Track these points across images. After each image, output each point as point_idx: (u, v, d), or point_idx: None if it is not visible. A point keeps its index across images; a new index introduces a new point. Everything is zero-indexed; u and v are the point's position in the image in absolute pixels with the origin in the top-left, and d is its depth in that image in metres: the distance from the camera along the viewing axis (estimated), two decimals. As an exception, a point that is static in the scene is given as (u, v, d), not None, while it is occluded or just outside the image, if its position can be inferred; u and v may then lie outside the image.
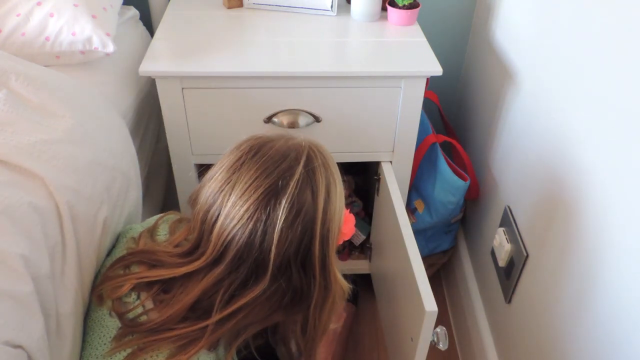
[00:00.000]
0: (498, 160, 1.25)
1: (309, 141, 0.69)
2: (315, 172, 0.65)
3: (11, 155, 0.70)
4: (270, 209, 0.62)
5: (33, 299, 0.61)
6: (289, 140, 0.68)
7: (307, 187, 0.64)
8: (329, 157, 0.69)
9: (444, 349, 0.88)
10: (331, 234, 0.66)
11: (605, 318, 0.79)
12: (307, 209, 0.64)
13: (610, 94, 0.78)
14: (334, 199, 0.66)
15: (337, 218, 0.67)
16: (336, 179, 0.68)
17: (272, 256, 0.63)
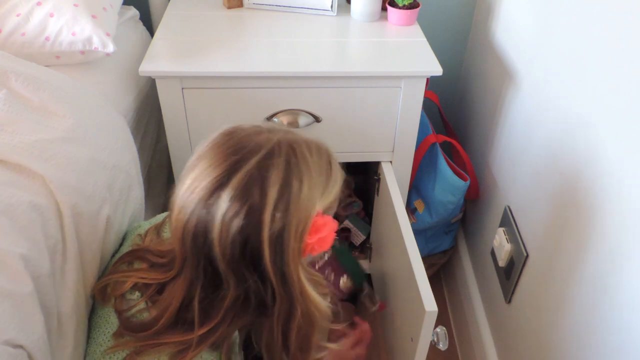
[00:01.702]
0: (498, 160, 1.25)
1: (287, 138, 0.63)
2: (270, 169, 0.59)
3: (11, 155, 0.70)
4: (212, 200, 0.59)
5: (33, 299, 0.61)
6: (261, 134, 0.63)
7: (256, 183, 0.58)
8: (303, 158, 0.62)
9: (444, 349, 0.88)
10: (287, 240, 0.60)
11: (605, 317, 0.79)
12: (253, 207, 0.58)
13: (610, 94, 0.78)
14: (294, 203, 0.59)
15: (297, 224, 0.60)
16: (305, 181, 0.60)
17: (217, 254, 0.60)
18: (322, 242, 0.63)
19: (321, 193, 0.63)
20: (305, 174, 0.61)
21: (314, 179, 0.62)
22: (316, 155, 0.64)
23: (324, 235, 0.62)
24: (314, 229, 0.62)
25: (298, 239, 0.61)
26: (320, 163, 0.64)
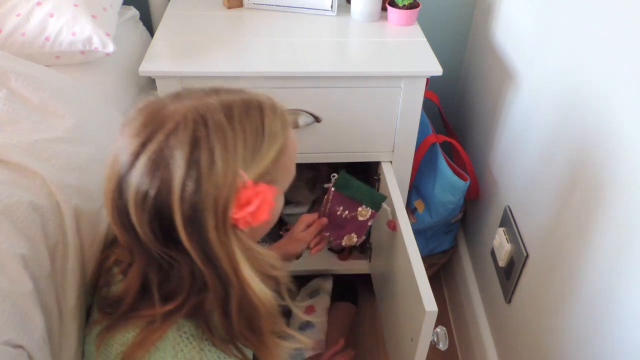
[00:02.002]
0: (498, 160, 1.25)
1: (198, 106, 0.58)
2: (175, 145, 0.55)
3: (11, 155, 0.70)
4: (126, 177, 0.56)
5: (33, 299, 0.61)
6: (171, 105, 0.59)
7: (162, 161, 0.55)
8: (216, 127, 0.57)
9: (444, 349, 0.88)
10: (204, 219, 0.55)
11: (605, 317, 0.79)
12: (161, 186, 0.55)
13: (610, 94, 0.78)
14: (206, 179, 0.55)
15: (215, 201, 0.55)
16: (217, 153, 0.55)
17: (139, 234, 0.58)
18: (256, 214, 0.57)
19: (247, 161, 0.58)
20: (218, 145, 0.56)
21: (233, 148, 0.57)
22: (239, 120, 0.59)
23: (254, 208, 0.57)
24: (240, 203, 0.57)
25: (220, 215, 0.56)
26: (246, 127, 0.59)
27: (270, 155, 0.60)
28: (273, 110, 0.63)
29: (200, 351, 0.62)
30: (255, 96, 0.64)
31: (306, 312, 1.38)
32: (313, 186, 1.45)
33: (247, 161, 0.58)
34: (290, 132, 0.65)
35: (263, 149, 0.60)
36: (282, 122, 0.63)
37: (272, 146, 0.61)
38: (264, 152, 0.60)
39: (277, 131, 0.62)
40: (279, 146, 0.62)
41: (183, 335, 0.62)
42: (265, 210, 0.58)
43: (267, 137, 0.60)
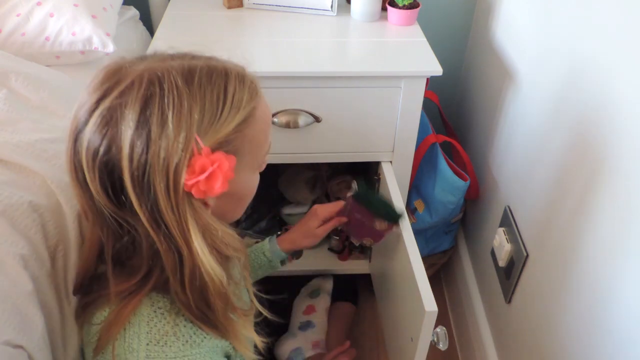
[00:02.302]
0: (498, 160, 1.25)
1: (156, 68, 0.57)
2: (128, 102, 0.54)
3: (12, 155, 0.70)
4: (81, 134, 0.56)
5: (33, 299, 0.61)
6: (134, 65, 0.58)
7: (114, 118, 0.54)
8: (173, 89, 0.55)
9: (444, 349, 0.88)
10: (153, 182, 0.54)
11: (605, 317, 0.79)
12: (111, 143, 0.54)
13: (610, 93, 0.78)
14: (156, 140, 0.53)
15: (165, 164, 0.54)
16: (170, 116, 0.54)
17: (88, 182, 0.56)
18: (209, 182, 0.55)
19: (204, 127, 0.56)
20: (172, 107, 0.54)
21: (188, 111, 0.55)
22: (199, 85, 0.57)
23: (207, 176, 0.55)
24: (193, 169, 0.55)
25: (171, 180, 0.54)
26: (206, 93, 0.57)
27: (231, 125, 0.58)
28: (240, 79, 0.61)
29: (174, 326, 0.62)
30: (223, 63, 0.62)
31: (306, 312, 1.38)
32: (313, 186, 1.45)
33: (204, 127, 0.56)
34: (261, 104, 0.63)
35: (223, 116, 0.58)
36: (250, 92, 0.61)
37: (234, 115, 0.59)
38: (224, 120, 0.58)
39: (243, 100, 0.60)
40: (244, 116, 0.60)
41: (157, 311, 0.62)
42: (220, 179, 0.55)
43: (229, 105, 0.58)
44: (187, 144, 0.54)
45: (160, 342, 0.60)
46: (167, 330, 0.61)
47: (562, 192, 0.92)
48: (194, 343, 0.63)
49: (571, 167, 0.89)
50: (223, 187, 0.56)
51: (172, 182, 0.54)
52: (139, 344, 0.60)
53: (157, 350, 0.60)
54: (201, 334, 0.64)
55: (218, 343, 0.66)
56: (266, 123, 0.65)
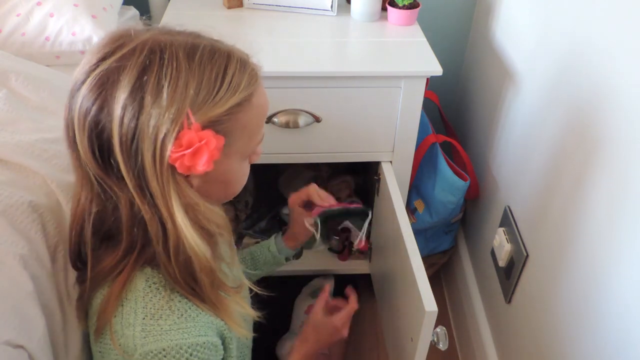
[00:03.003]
0: (498, 160, 1.25)
1: (160, 39, 0.57)
2: (127, 66, 0.55)
3: (12, 155, 0.70)
4: (77, 92, 0.57)
5: (33, 299, 0.61)
6: (140, 34, 0.59)
7: (111, 79, 0.55)
8: (173, 61, 0.56)
9: (444, 349, 0.88)
10: (142, 148, 0.54)
11: (605, 318, 0.79)
12: (104, 103, 0.55)
13: (610, 93, 0.78)
14: (148, 106, 0.54)
15: (154, 131, 0.54)
16: (166, 85, 0.54)
17: (77, 141, 0.57)
18: (194, 158, 0.55)
19: (198, 103, 0.56)
20: (169, 78, 0.55)
21: (184, 85, 0.55)
22: (200, 62, 0.57)
23: (193, 151, 0.55)
24: (180, 142, 0.55)
25: (158, 149, 0.55)
26: (205, 70, 0.57)
27: (225, 106, 0.58)
28: (242, 63, 0.62)
29: (169, 300, 0.63)
30: (228, 47, 0.63)
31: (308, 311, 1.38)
32: (313, 186, 1.45)
33: (198, 104, 0.56)
34: (259, 93, 0.63)
35: (218, 96, 0.58)
36: (249, 78, 0.62)
37: (230, 97, 0.59)
38: (219, 100, 0.58)
39: (241, 84, 0.60)
40: (239, 100, 0.60)
41: (152, 286, 0.63)
42: (205, 157, 0.56)
43: (226, 87, 0.58)
44: (178, 116, 0.55)
45: (156, 316, 0.61)
46: (162, 304, 0.62)
47: (562, 192, 0.92)
48: (189, 317, 0.63)
49: (571, 167, 0.89)
50: (207, 166, 0.56)
51: (159, 151, 0.55)
52: (135, 319, 0.61)
53: (152, 324, 0.61)
54: (196, 309, 0.64)
55: (213, 320, 0.66)
56: (261, 112, 0.65)
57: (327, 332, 0.95)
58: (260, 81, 0.65)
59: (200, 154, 0.56)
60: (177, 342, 0.61)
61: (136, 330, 0.61)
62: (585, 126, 0.85)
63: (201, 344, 0.62)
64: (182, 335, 0.61)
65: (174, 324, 0.62)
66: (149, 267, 0.64)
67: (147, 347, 0.60)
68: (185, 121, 0.55)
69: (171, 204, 0.57)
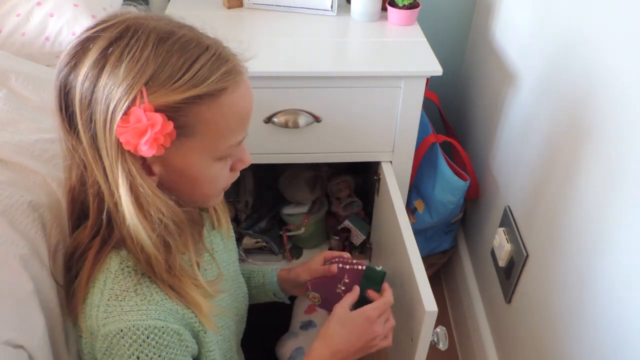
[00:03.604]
0: (498, 160, 1.25)
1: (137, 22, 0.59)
2: (100, 37, 0.57)
3: (12, 155, 0.70)
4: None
5: (34, 299, 0.61)
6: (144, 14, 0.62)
7: (84, 45, 0.58)
8: (140, 41, 0.57)
9: (444, 349, 0.88)
10: (95, 111, 0.57)
11: (604, 318, 0.79)
12: (75, 64, 0.58)
13: (610, 93, 0.78)
14: (105, 76, 0.56)
15: (107, 100, 0.56)
16: (126, 61, 0.56)
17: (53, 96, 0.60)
18: (135, 136, 0.56)
19: (154, 85, 0.56)
20: (131, 54, 0.56)
21: (144, 64, 0.56)
22: (169, 48, 0.58)
23: (136, 128, 0.56)
24: (128, 117, 0.56)
25: (108, 119, 0.56)
26: (172, 56, 0.58)
27: (183, 95, 0.58)
28: (219, 59, 0.60)
29: (137, 284, 0.63)
30: (212, 42, 0.62)
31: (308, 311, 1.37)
32: (313, 186, 1.45)
33: (156, 85, 0.57)
34: (236, 95, 0.61)
35: (178, 84, 0.57)
36: (223, 76, 0.60)
37: (190, 88, 0.58)
38: (178, 88, 0.57)
39: (208, 79, 0.59)
40: (201, 93, 0.58)
41: (125, 269, 0.64)
42: (148, 138, 0.56)
43: (190, 76, 0.58)
44: (130, 90, 0.56)
45: (119, 298, 0.62)
46: (128, 286, 0.63)
47: (562, 192, 0.92)
48: (153, 300, 0.63)
49: (572, 167, 0.89)
50: (152, 149, 0.57)
51: (109, 122, 0.57)
52: (101, 300, 0.62)
53: (115, 304, 0.61)
54: (164, 295, 0.64)
55: (180, 310, 0.66)
56: (234, 114, 0.63)
57: (358, 327, 0.78)
58: (241, 83, 0.63)
59: (143, 134, 0.56)
60: (135, 323, 0.60)
61: (99, 311, 0.61)
62: (585, 126, 0.85)
63: (159, 327, 0.62)
64: (141, 316, 0.61)
65: (135, 305, 0.62)
66: (125, 250, 0.64)
67: (107, 327, 0.60)
68: (138, 98, 0.56)
69: (116, 179, 0.58)
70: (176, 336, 0.64)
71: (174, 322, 0.64)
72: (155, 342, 0.61)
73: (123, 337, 0.60)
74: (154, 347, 0.61)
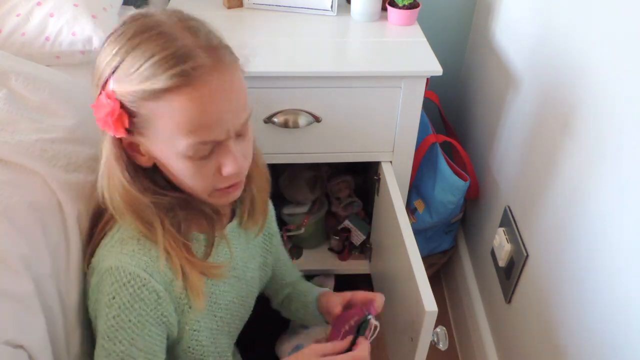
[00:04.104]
0: (498, 160, 1.25)
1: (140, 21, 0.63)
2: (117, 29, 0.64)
3: (12, 155, 0.70)
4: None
5: (34, 299, 0.61)
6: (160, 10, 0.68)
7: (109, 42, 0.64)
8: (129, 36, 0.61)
9: (444, 349, 0.88)
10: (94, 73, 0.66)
11: (604, 318, 0.79)
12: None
13: (610, 93, 0.78)
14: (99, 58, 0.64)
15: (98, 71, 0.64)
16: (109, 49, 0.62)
17: None
18: (97, 111, 0.63)
19: (120, 73, 0.61)
20: (117, 45, 0.62)
21: (117, 53, 0.61)
22: (141, 41, 0.61)
23: (95, 106, 0.63)
24: (99, 97, 0.63)
25: (95, 95, 0.65)
26: (138, 48, 0.60)
27: (134, 87, 0.60)
28: (174, 58, 0.60)
29: (144, 236, 0.69)
30: (185, 39, 0.62)
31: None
32: (313, 186, 1.45)
33: (120, 74, 0.61)
34: (185, 99, 0.60)
35: (133, 76, 0.60)
36: (173, 78, 0.59)
37: (142, 81, 0.60)
38: (133, 80, 0.60)
39: (155, 76, 0.59)
40: (148, 88, 0.60)
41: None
42: (103, 115, 0.62)
43: (142, 71, 0.60)
44: (103, 74, 0.63)
45: (123, 242, 0.68)
46: (134, 234, 0.69)
47: (562, 192, 0.92)
48: (149, 254, 0.68)
49: (572, 167, 0.89)
50: (103, 126, 0.63)
51: (94, 94, 0.65)
52: (109, 242, 0.69)
53: (117, 246, 0.68)
54: (159, 254, 0.68)
55: (169, 274, 0.69)
56: (183, 117, 0.61)
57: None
58: (200, 87, 0.61)
59: (99, 110, 0.63)
60: (123, 265, 0.65)
61: (104, 250, 0.68)
62: (585, 126, 0.85)
63: (142, 278, 0.66)
64: (131, 261, 0.66)
65: (132, 251, 0.67)
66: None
67: (102, 264, 0.67)
68: (108, 82, 0.62)
69: (101, 148, 0.68)
70: (154, 295, 0.67)
71: (158, 282, 0.67)
72: (132, 290, 0.65)
73: (110, 275, 0.65)
74: (130, 295, 0.65)
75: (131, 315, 0.65)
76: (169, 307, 0.69)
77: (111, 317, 0.65)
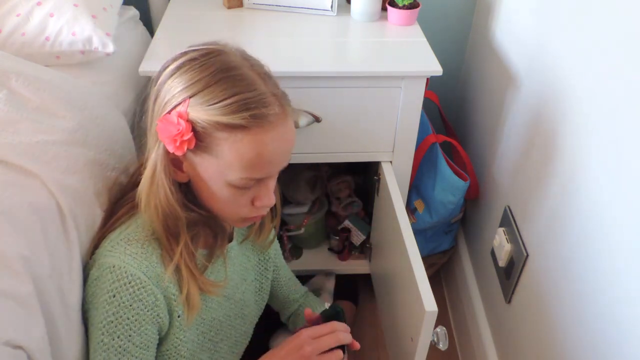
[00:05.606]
0: (498, 160, 1.25)
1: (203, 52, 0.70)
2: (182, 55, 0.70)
3: (12, 156, 0.70)
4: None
5: (33, 300, 0.61)
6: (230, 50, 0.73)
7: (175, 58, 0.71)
8: (202, 67, 0.68)
9: (444, 349, 0.88)
10: (151, 104, 0.72)
11: (604, 318, 0.79)
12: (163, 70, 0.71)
13: (611, 93, 0.78)
14: (163, 81, 0.70)
15: (161, 97, 0.70)
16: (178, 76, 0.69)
17: None
18: (163, 130, 0.67)
19: (198, 100, 0.66)
20: (194, 72, 0.67)
21: (193, 82, 0.67)
22: (222, 77, 0.67)
23: (166, 124, 0.67)
24: (168, 115, 0.67)
25: (160, 110, 0.69)
26: (219, 85, 0.67)
27: (211, 117, 0.66)
28: (252, 102, 0.67)
29: (148, 240, 0.73)
30: (262, 87, 0.69)
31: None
32: (313, 186, 1.45)
33: (197, 101, 0.66)
34: (254, 139, 0.67)
35: (212, 107, 0.66)
36: (248, 118, 0.66)
37: (219, 114, 0.66)
38: (210, 110, 0.66)
39: (234, 114, 0.66)
40: (224, 122, 0.66)
41: (147, 226, 0.74)
42: (170, 133, 0.66)
43: (222, 106, 0.66)
44: (179, 96, 0.67)
45: (129, 242, 0.72)
46: (140, 237, 0.73)
47: (562, 191, 0.92)
48: (150, 259, 0.72)
49: (572, 167, 0.89)
50: (170, 146, 0.67)
51: (159, 113, 0.69)
52: (116, 238, 0.72)
53: (122, 245, 0.71)
54: (160, 260, 0.73)
55: (166, 280, 0.73)
56: (248, 154, 0.68)
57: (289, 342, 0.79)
58: (269, 131, 0.68)
59: (167, 131, 0.67)
60: (125, 266, 0.69)
61: (109, 244, 0.72)
62: (585, 126, 0.85)
63: (142, 280, 0.70)
64: (133, 263, 0.70)
65: (135, 253, 0.71)
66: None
67: (105, 259, 0.70)
68: (181, 104, 0.67)
69: (150, 155, 0.71)
70: (152, 297, 0.71)
71: (156, 287, 0.71)
72: (132, 290, 0.69)
73: (111, 273, 0.69)
74: (129, 295, 0.69)
75: (130, 313, 0.70)
76: (163, 310, 0.73)
77: (111, 313, 0.69)
